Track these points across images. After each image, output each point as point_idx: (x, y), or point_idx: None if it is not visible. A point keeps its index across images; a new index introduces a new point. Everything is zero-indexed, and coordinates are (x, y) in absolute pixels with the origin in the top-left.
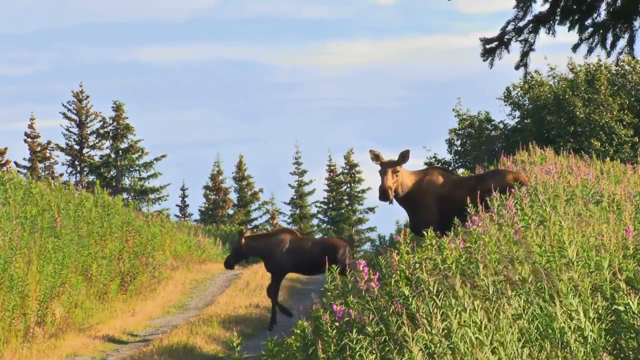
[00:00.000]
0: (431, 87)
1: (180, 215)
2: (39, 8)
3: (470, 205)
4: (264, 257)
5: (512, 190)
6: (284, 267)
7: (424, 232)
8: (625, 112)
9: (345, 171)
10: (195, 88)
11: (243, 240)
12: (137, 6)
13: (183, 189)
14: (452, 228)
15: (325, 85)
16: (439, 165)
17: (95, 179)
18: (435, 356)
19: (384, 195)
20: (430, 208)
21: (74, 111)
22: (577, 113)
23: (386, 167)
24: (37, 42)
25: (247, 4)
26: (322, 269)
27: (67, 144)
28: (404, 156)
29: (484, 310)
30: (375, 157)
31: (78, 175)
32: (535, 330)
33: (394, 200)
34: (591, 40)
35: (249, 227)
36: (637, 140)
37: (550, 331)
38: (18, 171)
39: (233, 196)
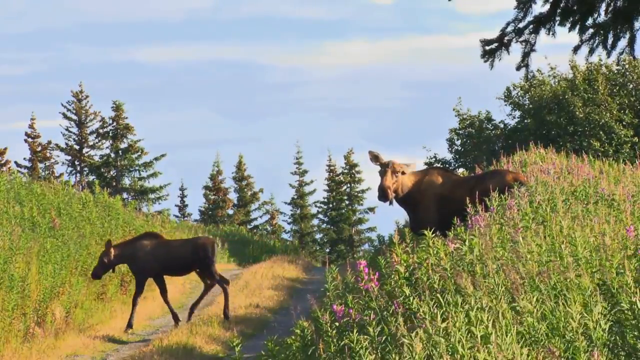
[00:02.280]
0: (431, 87)
1: (180, 215)
2: (35, 8)
3: (469, 205)
4: (129, 262)
5: (512, 190)
6: (150, 270)
7: (424, 232)
8: (625, 112)
9: (345, 171)
10: (193, 88)
11: (112, 251)
12: (134, 6)
13: (182, 189)
14: (452, 228)
15: (323, 85)
16: (439, 166)
17: (95, 179)
18: (435, 356)
19: (383, 195)
20: (430, 208)
21: (74, 111)
22: (577, 113)
23: (386, 167)
24: (35, 43)
25: (244, 4)
26: (192, 269)
27: (66, 144)
28: (409, 166)
29: (487, 310)
30: (375, 157)
31: (78, 175)
32: (545, 329)
33: (394, 201)
34: (592, 41)
35: (248, 227)
36: (637, 140)
37: (556, 331)
38: (18, 171)
39: (233, 196)
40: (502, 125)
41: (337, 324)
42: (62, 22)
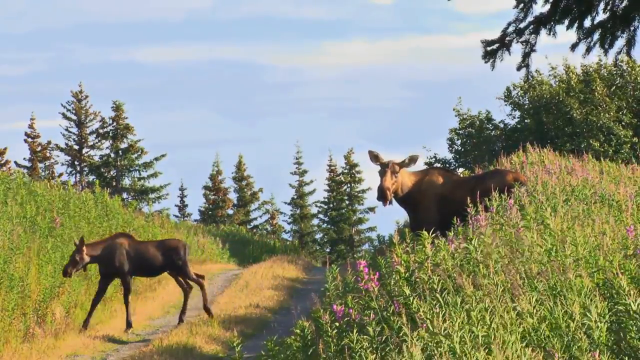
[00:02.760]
0: (431, 87)
1: (179, 215)
2: (34, 8)
3: (470, 205)
4: (100, 263)
5: (512, 190)
6: (121, 270)
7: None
8: (625, 112)
9: (346, 171)
10: (193, 88)
11: (85, 249)
12: (132, 6)
13: (181, 189)
14: (452, 228)
15: (322, 85)
16: (439, 165)
17: (95, 179)
18: (436, 356)
19: (382, 196)
20: (430, 208)
21: (73, 111)
22: (574, 114)
23: (385, 167)
24: (34, 43)
25: (243, 4)
26: (163, 270)
27: (66, 144)
28: (412, 159)
29: (488, 310)
30: (375, 157)
31: (78, 175)
32: (545, 329)
33: (394, 201)
34: (590, 39)
35: (248, 227)
36: (637, 140)
37: (557, 330)
38: (18, 170)
39: (233, 196)
40: (502, 125)
41: (337, 324)
42: (62, 22)
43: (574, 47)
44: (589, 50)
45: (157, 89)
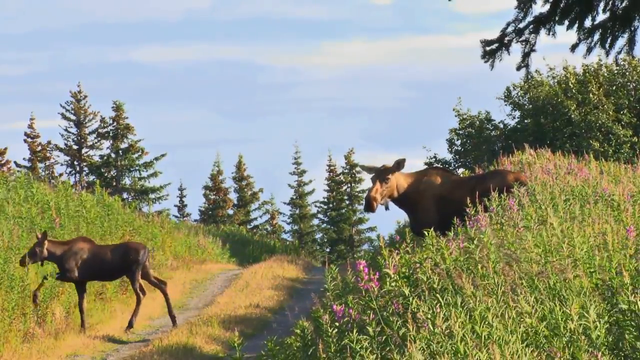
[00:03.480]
0: (430, 87)
1: (179, 215)
2: (33, 8)
3: (470, 205)
4: (58, 264)
5: (512, 190)
6: (79, 275)
7: (424, 233)
8: (624, 112)
9: (346, 171)
10: (191, 88)
11: (46, 243)
12: (131, 6)
13: (181, 189)
14: (452, 228)
15: (321, 85)
16: (439, 166)
17: (95, 179)
18: (436, 356)
19: (367, 206)
20: (429, 209)
21: (72, 111)
22: (572, 115)
23: (375, 177)
24: (34, 43)
25: (241, 4)
26: (122, 273)
27: (65, 144)
28: (399, 164)
29: (490, 309)
30: (368, 170)
31: (77, 175)
32: (544, 329)
33: (389, 204)
34: (590, 40)
35: (248, 227)
36: (637, 140)
37: (557, 331)
38: (18, 171)
39: (233, 196)
40: (502, 126)
41: (337, 324)
42: (61, 22)
43: (574, 47)
44: (589, 50)
45: (157, 89)
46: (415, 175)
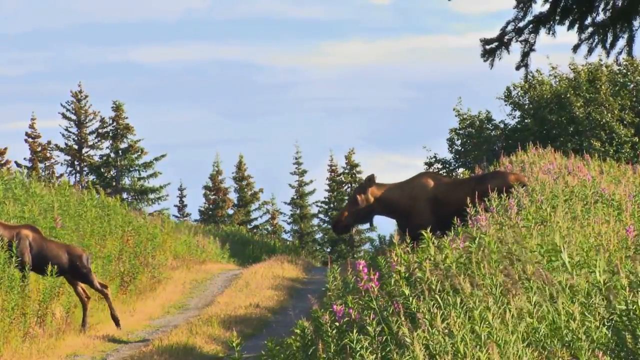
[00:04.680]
0: (430, 87)
1: (179, 215)
2: (30, 8)
3: (470, 205)
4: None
5: (512, 191)
6: (22, 263)
7: (421, 235)
8: (626, 111)
9: (346, 171)
10: (192, 88)
11: None
12: (129, 6)
13: (180, 189)
14: (453, 228)
15: (320, 85)
16: (429, 171)
17: (95, 179)
18: (437, 356)
19: (334, 228)
20: (424, 212)
21: (73, 111)
22: (577, 113)
23: (350, 197)
24: (33, 43)
25: (240, 4)
26: (63, 273)
27: (66, 144)
28: (369, 179)
29: (489, 309)
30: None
31: (78, 175)
32: (545, 329)
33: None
34: (591, 40)
35: (249, 227)
36: (638, 140)
37: (556, 331)
38: (18, 171)
39: (233, 196)
40: (502, 125)
41: (337, 324)
42: (60, 22)
43: (575, 48)
44: (590, 51)
45: (156, 89)
46: (405, 183)
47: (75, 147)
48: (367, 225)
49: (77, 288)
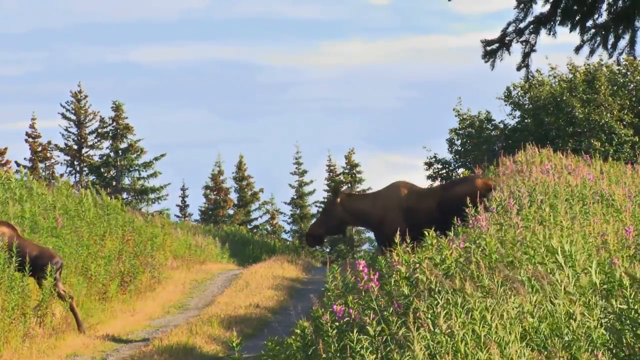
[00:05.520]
0: (430, 87)
1: (181, 215)
2: (30, 8)
3: (469, 206)
4: None
5: (484, 196)
6: None
7: (391, 244)
8: (626, 112)
9: (346, 171)
10: (192, 88)
11: None
12: (128, 6)
13: (183, 189)
14: (452, 228)
15: (320, 85)
16: (403, 181)
17: (95, 179)
18: (437, 356)
19: (307, 240)
20: (396, 221)
21: (73, 111)
22: (576, 113)
23: (322, 208)
24: (32, 43)
25: (240, 3)
26: (35, 275)
27: (65, 144)
28: (333, 191)
29: (488, 310)
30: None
31: (77, 175)
32: (545, 329)
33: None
34: (593, 41)
35: (249, 227)
36: (637, 140)
37: (556, 330)
38: (19, 171)
39: (233, 196)
40: (502, 125)
41: (337, 324)
42: (59, 22)
43: (577, 49)
44: (592, 52)
45: (156, 89)
46: (375, 194)
47: (75, 147)
48: (340, 236)
49: (59, 291)
